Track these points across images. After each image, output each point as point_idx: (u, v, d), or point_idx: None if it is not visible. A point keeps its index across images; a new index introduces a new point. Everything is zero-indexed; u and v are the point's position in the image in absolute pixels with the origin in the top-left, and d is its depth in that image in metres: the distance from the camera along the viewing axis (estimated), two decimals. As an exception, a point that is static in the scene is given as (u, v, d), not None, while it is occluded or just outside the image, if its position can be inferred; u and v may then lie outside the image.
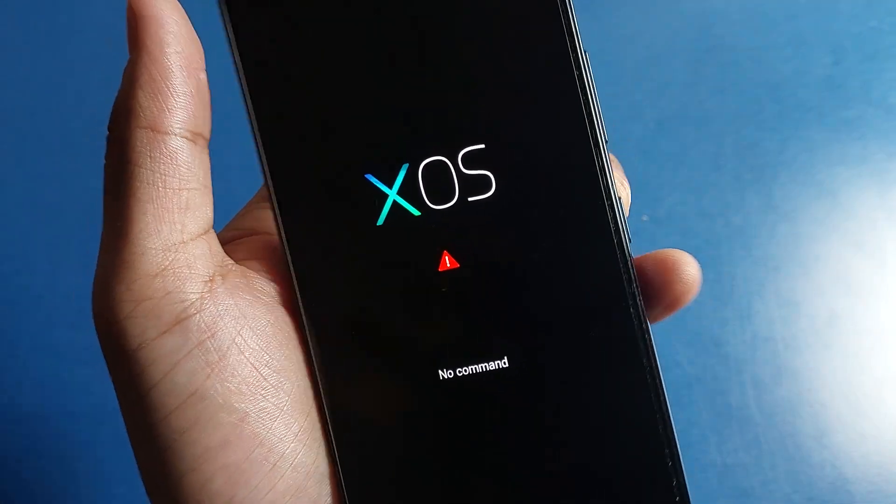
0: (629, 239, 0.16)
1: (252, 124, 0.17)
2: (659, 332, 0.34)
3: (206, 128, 0.16)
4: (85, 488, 0.33)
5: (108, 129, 0.16)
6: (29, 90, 0.37)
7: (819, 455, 0.32)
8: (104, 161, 0.16)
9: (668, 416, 0.16)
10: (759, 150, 0.35)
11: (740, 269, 0.34)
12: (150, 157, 0.15)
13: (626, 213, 0.17)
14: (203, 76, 0.16)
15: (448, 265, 0.16)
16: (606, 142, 0.16)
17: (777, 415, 0.32)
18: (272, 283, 0.17)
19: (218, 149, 0.19)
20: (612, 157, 0.17)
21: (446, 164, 0.16)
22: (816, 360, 0.33)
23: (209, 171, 0.16)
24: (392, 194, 0.16)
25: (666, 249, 0.16)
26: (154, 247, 0.15)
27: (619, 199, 0.16)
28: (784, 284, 0.34)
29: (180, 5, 0.17)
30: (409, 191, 0.16)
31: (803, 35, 0.37)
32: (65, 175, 0.36)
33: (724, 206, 0.35)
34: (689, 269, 0.16)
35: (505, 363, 0.16)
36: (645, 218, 0.35)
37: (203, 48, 0.17)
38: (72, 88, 0.37)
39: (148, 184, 0.15)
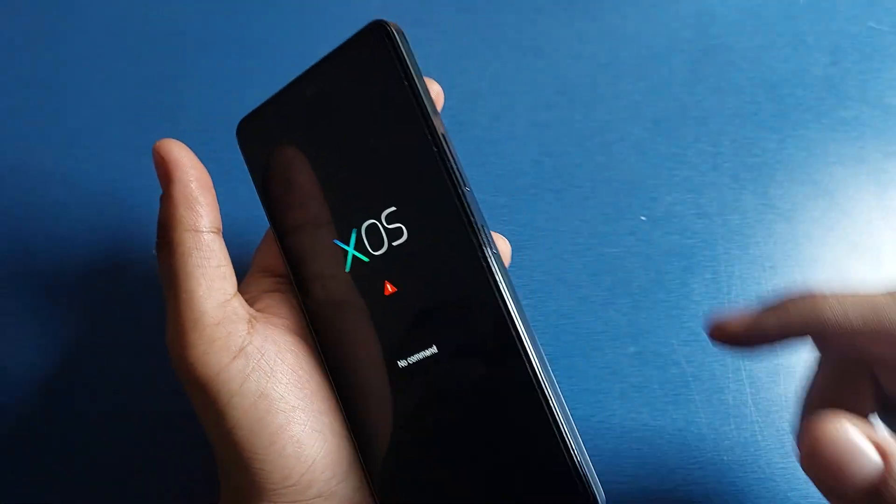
0: (492, 255, 0.23)
1: (272, 226, 0.26)
2: (657, 331, 0.34)
3: (219, 222, 0.24)
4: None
5: (159, 234, 0.24)
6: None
7: (815, 453, 0.32)
8: (157, 254, 0.24)
9: (550, 397, 0.22)
10: (757, 150, 0.36)
11: (737, 269, 0.34)
12: (196, 248, 0.23)
13: (492, 244, 0.23)
14: (212, 190, 0.24)
15: (390, 290, 0.24)
16: (469, 189, 0.23)
17: (774, 413, 0.33)
18: (284, 319, 0.25)
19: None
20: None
21: (376, 224, 0.24)
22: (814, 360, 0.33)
23: (227, 252, 0.24)
24: (350, 250, 0.25)
25: None
26: (211, 305, 0.23)
27: (478, 224, 0.23)
28: (781, 284, 0.34)
29: (187, 146, 0.24)
30: (359, 246, 0.24)
31: (801, 35, 0.37)
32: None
33: (722, 205, 0.35)
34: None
35: (434, 350, 0.23)
36: (643, 218, 0.35)
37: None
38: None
39: (198, 266, 0.23)
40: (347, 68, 0.24)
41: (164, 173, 0.24)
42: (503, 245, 0.27)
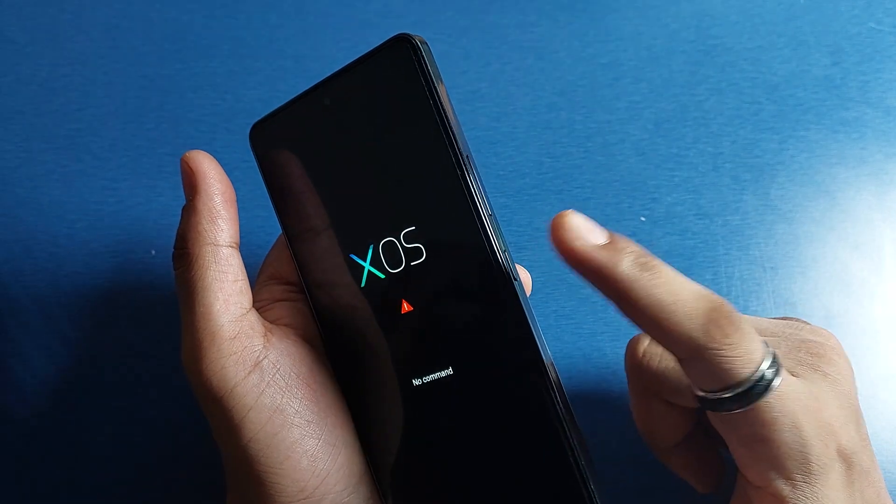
0: (512, 273, 0.22)
1: (285, 234, 0.26)
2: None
3: (238, 237, 0.24)
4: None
5: (176, 246, 0.24)
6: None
7: (816, 454, 0.32)
8: (175, 264, 0.24)
9: (567, 423, 0.22)
10: (758, 151, 0.36)
11: (738, 270, 0.34)
12: (215, 261, 0.23)
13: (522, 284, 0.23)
14: (235, 204, 0.24)
15: (406, 309, 0.24)
16: (491, 215, 0.23)
17: (774, 414, 0.33)
18: (297, 330, 0.25)
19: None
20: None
21: (394, 242, 0.24)
22: (813, 360, 0.33)
23: (244, 267, 0.24)
24: (367, 266, 0.24)
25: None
26: (228, 320, 0.23)
27: (502, 252, 0.22)
28: (781, 284, 0.34)
29: (215, 159, 0.24)
30: (376, 262, 0.24)
31: (802, 36, 0.37)
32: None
33: (722, 206, 0.35)
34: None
35: (450, 371, 0.23)
36: (643, 219, 0.35)
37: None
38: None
39: (216, 279, 0.23)
40: (371, 80, 0.24)
41: (191, 184, 0.24)
42: (524, 276, 0.27)
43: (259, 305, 0.26)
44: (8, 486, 0.33)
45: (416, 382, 0.24)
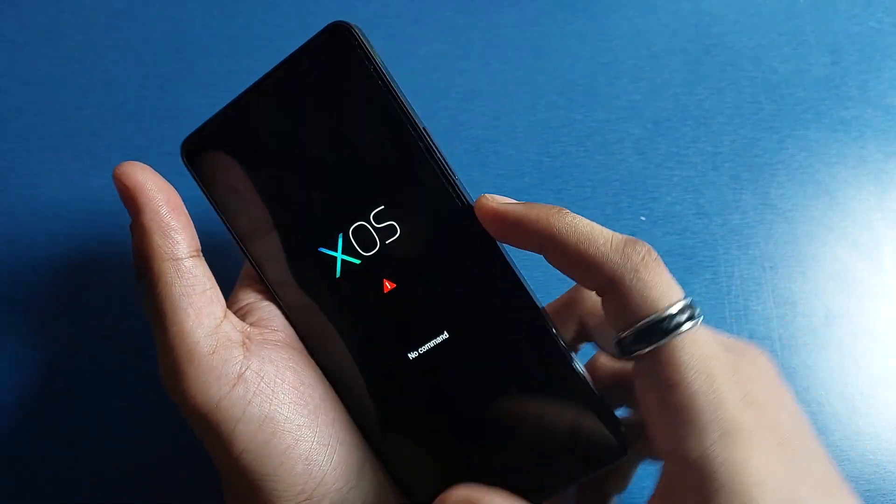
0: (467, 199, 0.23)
1: (241, 247, 0.25)
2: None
3: (198, 243, 0.23)
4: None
5: (136, 265, 0.23)
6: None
7: (816, 454, 0.32)
8: (141, 284, 0.23)
9: (572, 357, 0.23)
10: (757, 150, 0.35)
11: (737, 269, 0.34)
12: (179, 277, 0.22)
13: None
14: (184, 210, 0.23)
15: (389, 287, 0.24)
16: (457, 178, 0.23)
17: (774, 413, 0.33)
18: (279, 332, 0.24)
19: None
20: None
21: (364, 225, 0.24)
22: (813, 359, 0.33)
23: (210, 272, 0.23)
24: (339, 255, 0.24)
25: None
26: (203, 335, 0.22)
27: (465, 194, 0.23)
28: (781, 284, 0.34)
29: (148, 166, 0.23)
30: (348, 250, 0.24)
31: (802, 35, 0.37)
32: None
33: (722, 205, 0.35)
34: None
35: (446, 335, 0.24)
36: (643, 218, 0.35)
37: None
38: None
39: (183, 295, 0.22)
40: (309, 71, 0.23)
41: (131, 201, 0.22)
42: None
43: (239, 307, 0.25)
44: (8, 485, 0.33)
45: (413, 355, 0.24)
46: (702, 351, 0.20)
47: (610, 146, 0.36)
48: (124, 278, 0.35)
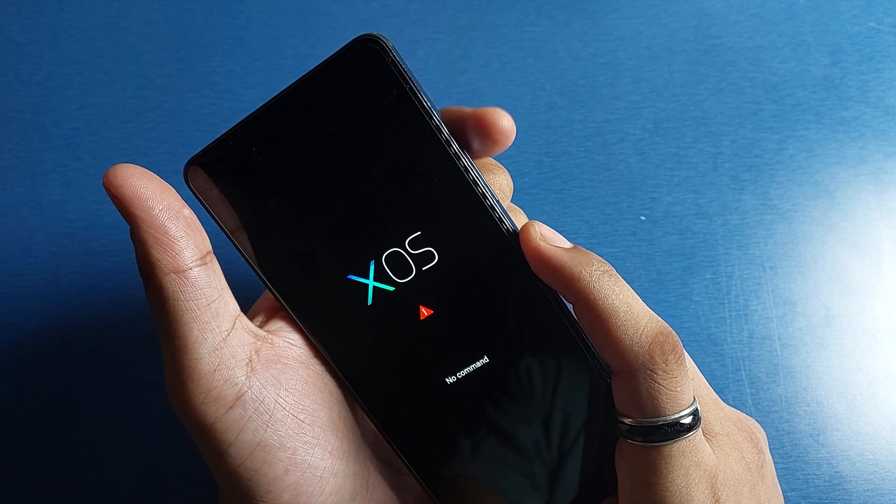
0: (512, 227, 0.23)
1: (261, 275, 0.23)
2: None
3: (207, 244, 0.22)
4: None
5: (142, 276, 0.21)
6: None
7: (815, 453, 0.32)
8: (147, 299, 0.21)
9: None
10: (757, 150, 0.36)
11: (737, 269, 0.34)
12: (181, 291, 0.21)
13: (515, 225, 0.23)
14: (186, 211, 0.21)
15: (425, 314, 0.23)
16: (497, 200, 0.22)
17: (774, 413, 0.33)
18: (294, 348, 0.23)
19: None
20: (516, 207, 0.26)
21: (399, 251, 0.23)
22: (813, 359, 0.33)
23: (222, 273, 0.22)
24: (370, 282, 0.23)
25: (485, 108, 0.22)
26: (206, 352, 0.21)
27: (513, 224, 0.23)
28: (781, 284, 0.34)
29: (140, 166, 0.21)
30: (381, 276, 0.23)
31: (801, 35, 0.37)
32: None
33: (722, 205, 0.35)
34: (504, 121, 0.22)
35: (486, 360, 0.23)
36: (643, 218, 0.35)
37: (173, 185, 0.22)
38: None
39: (186, 310, 0.21)
40: (337, 87, 0.21)
41: (124, 213, 0.20)
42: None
43: (258, 318, 0.24)
44: (8, 486, 0.33)
45: (451, 380, 0.24)
46: (687, 462, 0.21)
47: (610, 146, 0.36)
48: (125, 278, 0.35)
